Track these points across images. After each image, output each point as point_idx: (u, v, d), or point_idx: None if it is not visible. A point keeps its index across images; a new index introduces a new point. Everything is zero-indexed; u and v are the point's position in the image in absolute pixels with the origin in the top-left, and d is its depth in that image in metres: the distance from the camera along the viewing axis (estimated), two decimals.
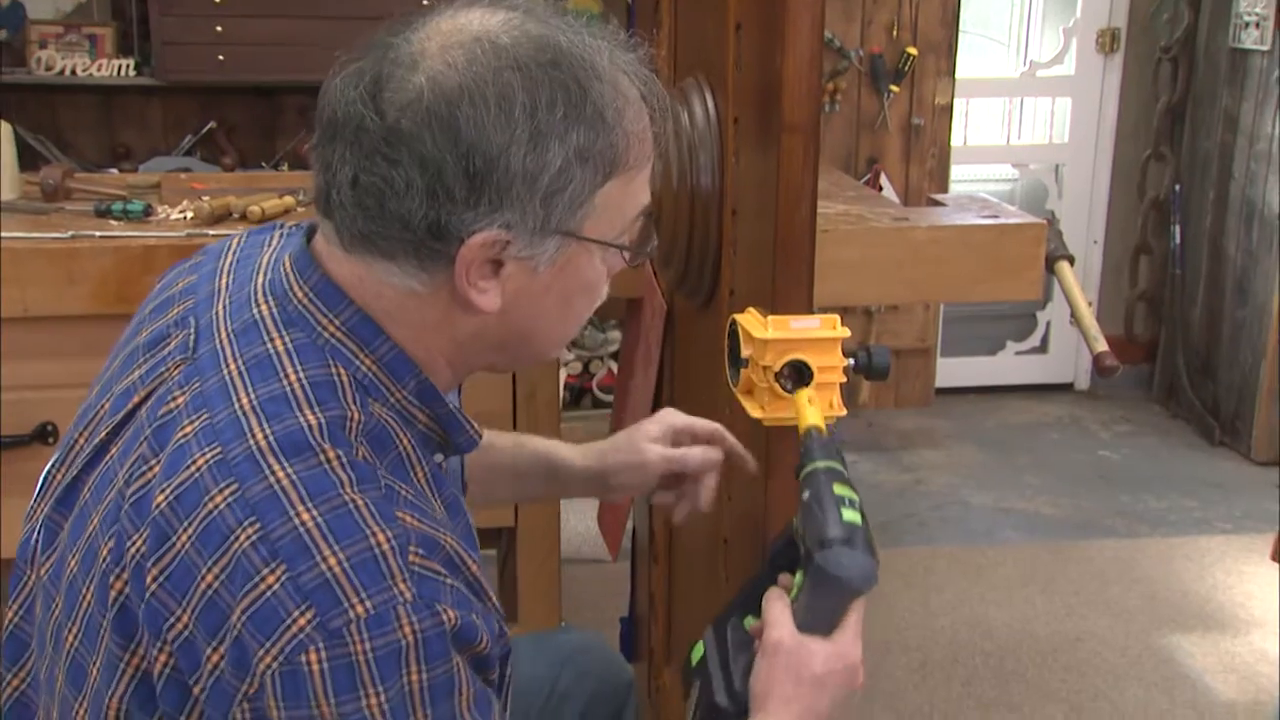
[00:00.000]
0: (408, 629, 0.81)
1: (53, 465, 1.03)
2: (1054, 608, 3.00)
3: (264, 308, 0.93)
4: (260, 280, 0.96)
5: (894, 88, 3.97)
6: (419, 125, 0.85)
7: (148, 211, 2.01)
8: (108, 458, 0.94)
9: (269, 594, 0.79)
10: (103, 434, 0.96)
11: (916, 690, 2.64)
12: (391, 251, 0.90)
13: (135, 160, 3.69)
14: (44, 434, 1.84)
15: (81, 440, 0.99)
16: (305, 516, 0.81)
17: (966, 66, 4.16)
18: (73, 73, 3.54)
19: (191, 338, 0.95)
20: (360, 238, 0.90)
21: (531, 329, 0.97)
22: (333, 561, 0.80)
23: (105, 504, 0.90)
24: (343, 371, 0.90)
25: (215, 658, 0.80)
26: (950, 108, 4.06)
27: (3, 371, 1.81)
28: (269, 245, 1.02)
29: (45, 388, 1.83)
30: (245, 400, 0.87)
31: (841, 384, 1.21)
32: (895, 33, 3.95)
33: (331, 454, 0.84)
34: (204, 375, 0.90)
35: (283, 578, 0.80)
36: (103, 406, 0.99)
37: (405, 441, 0.91)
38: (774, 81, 1.22)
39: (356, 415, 0.88)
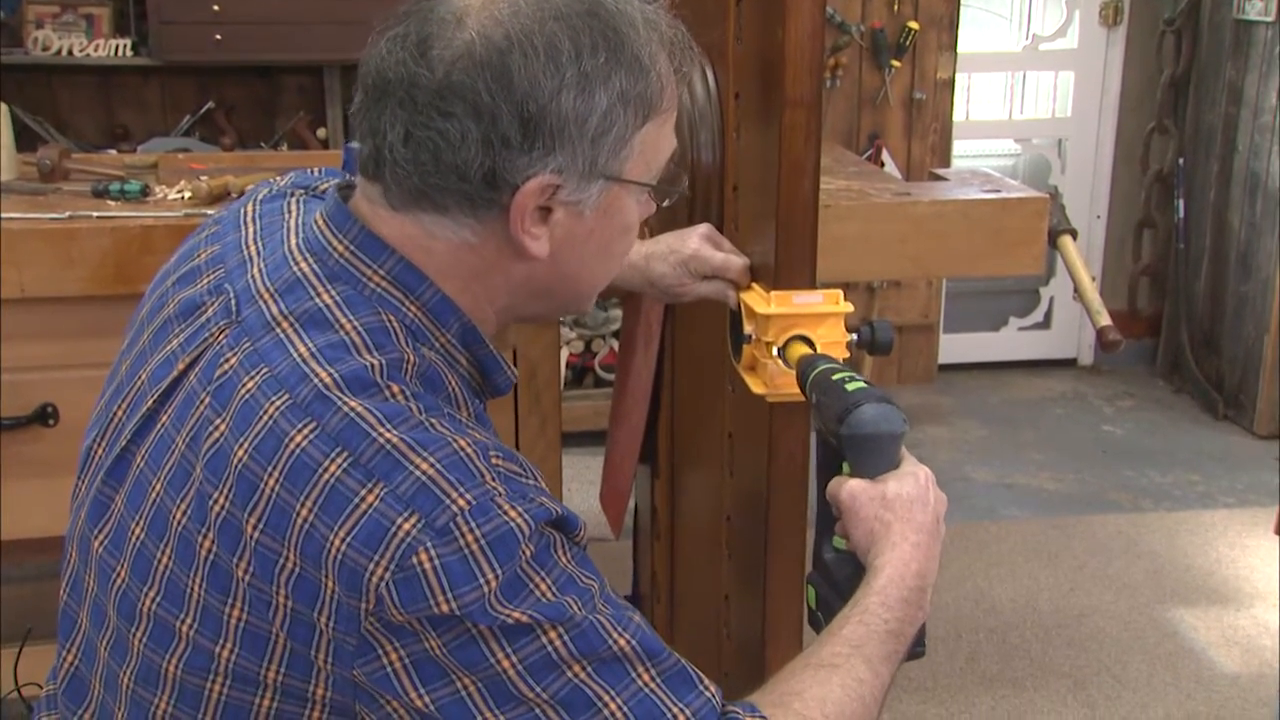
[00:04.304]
0: (513, 513, 0.84)
1: (92, 442, 1.04)
2: (1057, 583, 3.00)
3: (303, 265, 0.95)
4: (294, 241, 0.99)
5: (895, 62, 3.95)
6: (471, 77, 0.89)
7: (145, 192, 2.00)
8: (159, 426, 0.95)
9: (370, 511, 0.82)
10: (148, 404, 0.97)
11: (919, 666, 2.64)
12: (445, 205, 0.93)
13: (134, 141, 3.67)
14: (44, 415, 1.83)
15: (121, 414, 1.00)
16: (390, 436, 0.84)
17: (968, 40, 4.14)
18: (70, 53, 3.52)
19: (232, 302, 0.96)
20: (414, 194, 0.93)
21: (576, 273, 1.01)
22: (425, 467, 0.83)
23: (168, 469, 0.92)
24: (392, 318, 0.93)
25: (330, 585, 0.83)
26: (952, 82, 4.04)
27: (2, 353, 1.80)
28: (289, 212, 1.05)
29: (44, 369, 1.82)
30: (304, 349, 0.89)
31: (845, 360, 1.20)
32: (896, 7, 3.92)
33: (396, 389, 0.88)
34: (254, 335, 0.92)
35: (382, 493, 0.82)
36: (140, 379, 1.00)
37: (453, 382, 0.95)
38: (775, 56, 1.21)
39: (411, 358, 0.91)
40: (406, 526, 0.81)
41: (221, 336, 0.94)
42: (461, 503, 0.83)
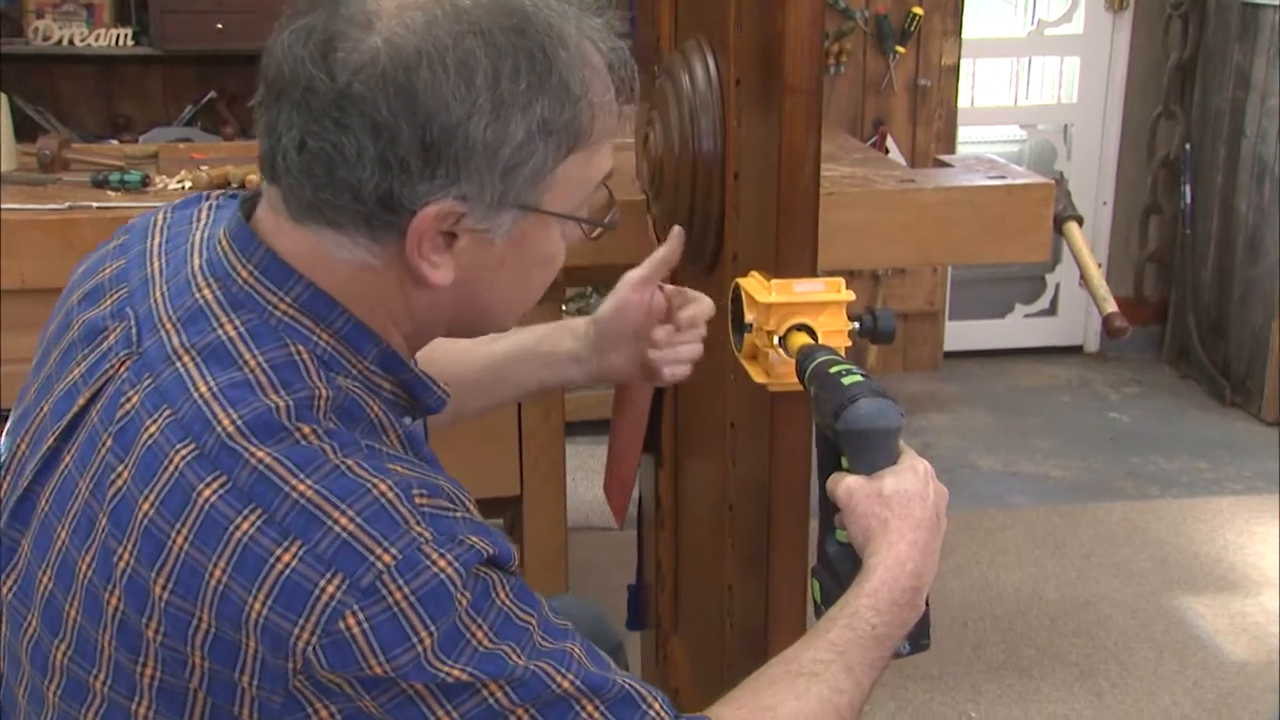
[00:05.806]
0: (442, 563, 0.79)
1: None
2: (1064, 571, 2.99)
3: (206, 292, 0.88)
4: (197, 262, 0.91)
5: (900, 48, 3.93)
6: (373, 90, 0.81)
7: (145, 182, 1.99)
8: (62, 466, 0.89)
9: (289, 573, 0.77)
10: (50, 440, 0.91)
11: (925, 655, 2.62)
12: (341, 222, 0.86)
13: (135, 131, 3.67)
14: None
15: (25, 448, 0.94)
16: (302, 488, 0.79)
17: (973, 26, 4.11)
18: (70, 42, 3.51)
19: (133, 330, 0.90)
20: (309, 206, 0.86)
21: (487, 302, 0.94)
22: (344, 521, 0.78)
23: (72, 516, 0.86)
24: (302, 349, 0.86)
25: (251, 645, 0.78)
26: (957, 68, 4.01)
27: (2, 344, 1.80)
28: (197, 221, 0.98)
29: None
30: (204, 389, 0.83)
31: (847, 348, 1.20)
32: None
33: (306, 430, 0.82)
34: (155, 370, 0.86)
35: (299, 553, 0.77)
36: (43, 410, 0.94)
37: (375, 409, 0.88)
38: (775, 42, 1.20)
39: (324, 392, 0.85)
40: (330, 589, 0.77)
41: (122, 369, 0.88)
42: (386, 559, 0.78)
